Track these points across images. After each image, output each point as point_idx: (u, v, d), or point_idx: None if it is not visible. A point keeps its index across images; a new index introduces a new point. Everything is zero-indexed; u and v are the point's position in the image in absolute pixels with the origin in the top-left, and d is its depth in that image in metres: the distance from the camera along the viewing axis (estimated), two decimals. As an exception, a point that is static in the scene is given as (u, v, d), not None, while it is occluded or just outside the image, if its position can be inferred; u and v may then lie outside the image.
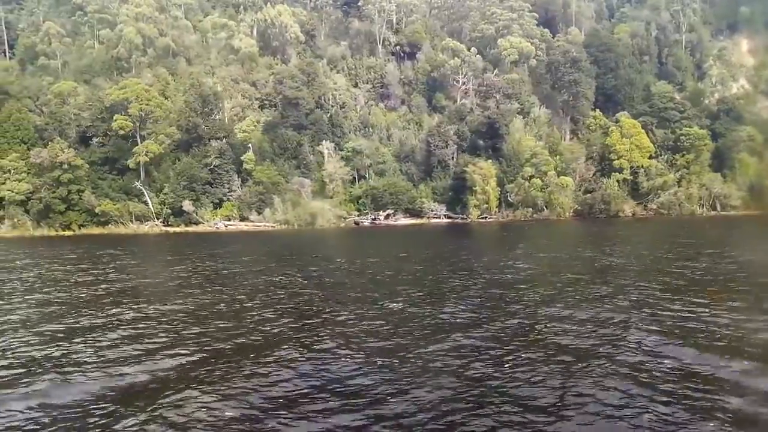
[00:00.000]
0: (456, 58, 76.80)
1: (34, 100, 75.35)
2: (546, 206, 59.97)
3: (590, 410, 7.34)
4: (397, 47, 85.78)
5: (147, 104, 66.23)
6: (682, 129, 63.20)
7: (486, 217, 60.38)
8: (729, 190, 58.88)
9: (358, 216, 63.13)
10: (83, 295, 17.80)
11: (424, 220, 61.79)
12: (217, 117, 70.58)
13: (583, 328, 11.41)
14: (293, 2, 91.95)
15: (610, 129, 64.07)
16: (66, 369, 9.65)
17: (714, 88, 76.03)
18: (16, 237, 60.07)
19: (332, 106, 73.82)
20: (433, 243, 38.79)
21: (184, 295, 17.22)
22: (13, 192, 63.91)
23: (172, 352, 10.65)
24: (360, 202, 64.00)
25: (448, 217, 62.06)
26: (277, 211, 62.32)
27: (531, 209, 59.96)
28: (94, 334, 12.13)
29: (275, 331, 12.35)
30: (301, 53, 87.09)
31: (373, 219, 61.88)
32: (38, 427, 7.42)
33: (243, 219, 64.67)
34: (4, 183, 64.25)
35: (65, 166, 62.29)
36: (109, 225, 63.28)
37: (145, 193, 64.74)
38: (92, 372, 9.49)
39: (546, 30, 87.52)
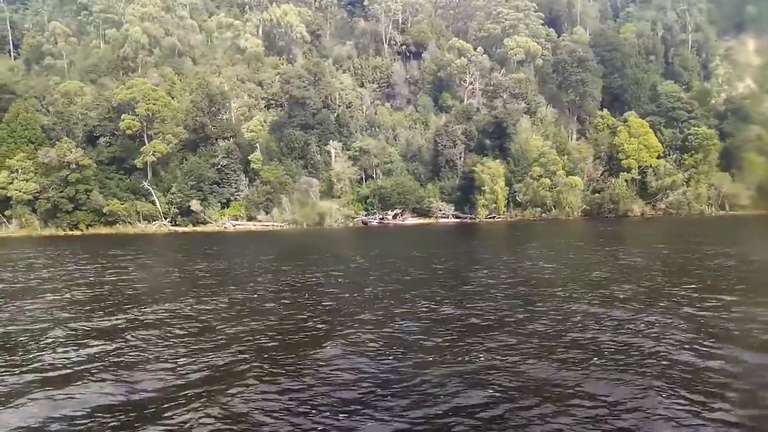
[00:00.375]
0: (462, 58, 76.77)
1: (40, 99, 75.40)
2: (554, 206, 59.87)
3: (648, 411, 7.27)
4: (403, 47, 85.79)
5: (154, 104, 66.23)
6: (690, 129, 63.07)
7: (494, 217, 60.31)
8: (737, 189, 58.78)
9: (366, 216, 63.08)
10: (112, 293, 17.79)
11: (432, 220, 61.73)
12: (224, 117, 70.56)
13: (622, 327, 11.36)
14: (298, 2, 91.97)
15: (618, 128, 63.94)
16: (114, 368, 9.65)
17: (720, 88, 75.91)
18: (24, 236, 60.13)
19: (339, 106, 73.81)
20: (447, 242, 38.79)
21: (211, 293, 17.21)
22: (20, 192, 63.97)
23: (215, 348, 10.67)
24: (368, 201, 63.95)
25: (456, 217, 61.98)
26: (285, 210, 62.33)
27: (540, 209, 59.87)
28: (134, 333, 12.13)
29: (311, 328, 12.35)
30: (307, 53, 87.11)
31: (381, 219, 61.84)
32: (95, 423, 7.42)
33: (250, 219, 64.67)
34: (11, 183, 64.29)
35: (73, 166, 62.34)
36: (117, 225, 63.31)
37: (153, 193, 64.76)
38: (140, 370, 9.50)
39: (551, 30, 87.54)
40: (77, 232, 61.98)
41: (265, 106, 77.23)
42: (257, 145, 67.17)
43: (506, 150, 66.02)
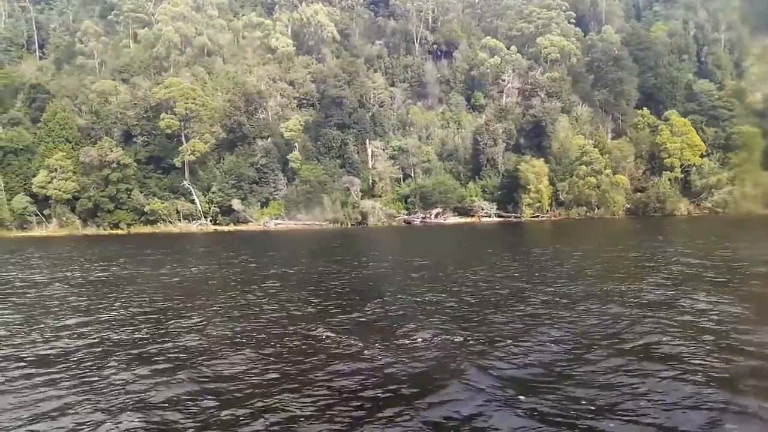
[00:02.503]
0: (496, 57, 76.59)
1: (72, 99, 75.36)
2: (598, 205, 59.65)
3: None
4: (434, 46, 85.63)
5: (193, 103, 66.15)
6: (733, 127, 62.83)
7: (537, 216, 60.09)
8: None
9: (407, 215, 62.89)
10: (185, 289, 17.79)
11: (474, 219, 61.49)
12: (261, 116, 70.43)
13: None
14: (323, 2, 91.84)
15: (659, 127, 63.68)
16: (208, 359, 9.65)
17: (754, 87, 75.63)
18: (66, 235, 60.01)
19: (373, 105, 73.71)
20: (503, 241, 38.27)
21: (283, 288, 17.16)
22: (59, 191, 63.93)
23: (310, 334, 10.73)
24: (408, 201, 63.75)
25: (499, 216, 61.76)
26: (326, 209, 62.13)
27: (585, 208, 59.64)
28: (226, 323, 12.14)
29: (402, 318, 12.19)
30: (334, 52, 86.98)
31: (423, 218, 61.64)
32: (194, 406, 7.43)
33: (290, 218, 64.51)
34: (50, 182, 64.26)
35: (114, 165, 62.29)
36: (158, 224, 63.17)
37: (193, 192, 64.63)
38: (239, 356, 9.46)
39: (577, 29, 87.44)
40: (119, 232, 61.82)
41: (297, 106, 77.15)
42: (296, 144, 66.97)
43: (543, 149, 65.87)
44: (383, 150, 66.29)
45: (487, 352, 9.53)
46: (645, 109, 67.69)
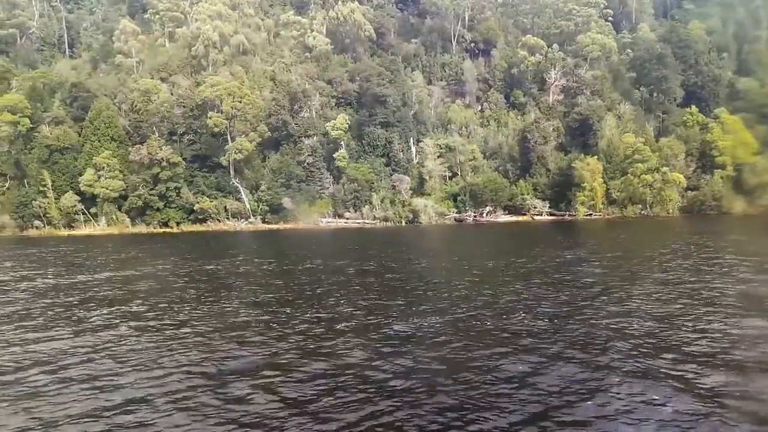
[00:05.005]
0: (537, 55, 76.28)
1: (111, 98, 75.16)
2: (652, 203, 59.29)
3: None
4: (472, 44, 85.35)
5: (240, 101, 65.96)
6: (784, 125, 62.35)
7: (591, 215, 59.78)
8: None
9: (456, 213, 62.62)
10: (279, 288, 17.86)
11: (526, 218, 61.19)
12: (305, 114, 70.26)
13: None
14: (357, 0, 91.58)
15: (708, 125, 63.32)
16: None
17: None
18: (117, 234, 59.90)
19: (415, 104, 73.52)
20: (572, 239, 37.66)
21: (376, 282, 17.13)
22: (107, 189, 63.78)
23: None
24: (458, 199, 63.46)
25: (551, 214, 61.45)
26: (375, 208, 61.91)
27: (639, 206, 59.28)
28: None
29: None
30: (367, 51, 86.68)
31: (474, 216, 61.38)
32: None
33: (338, 216, 64.32)
34: (97, 180, 64.11)
35: (164, 164, 62.16)
36: (207, 222, 63.01)
37: (241, 190, 64.47)
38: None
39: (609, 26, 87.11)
40: (170, 230, 61.69)
41: (335, 104, 76.93)
42: (342, 142, 66.76)
43: (589, 147, 65.49)
44: (431, 148, 65.89)
45: None
46: (693, 107, 67.20)
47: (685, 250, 26.26)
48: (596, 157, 61.71)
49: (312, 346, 10.82)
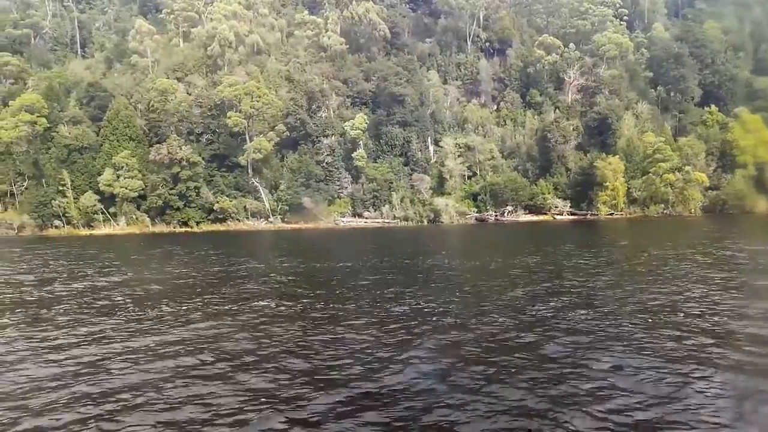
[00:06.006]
0: (554, 54, 76.15)
1: (127, 97, 75.09)
2: (674, 203, 59.17)
3: None
4: (487, 43, 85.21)
5: (258, 101, 65.88)
6: (805, 124, 62.26)
7: (612, 214, 59.65)
8: None
9: (477, 212, 62.52)
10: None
11: (547, 217, 61.06)
12: (323, 114, 70.19)
13: None
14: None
15: (728, 124, 63.19)
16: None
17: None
18: (138, 234, 59.84)
19: (432, 103, 73.43)
20: (601, 240, 37.39)
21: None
22: (126, 189, 63.71)
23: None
24: (479, 198, 63.35)
25: (572, 214, 61.32)
26: (395, 207, 61.82)
27: (662, 205, 59.17)
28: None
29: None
30: (381, 50, 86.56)
31: (496, 215, 61.27)
32: None
33: (357, 215, 64.25)
34: (117, 180, 64.05)
35: (183, 163, 62.11)
36: (227, 222, 62.95)
37: (260, 190, 64.40)
38: None
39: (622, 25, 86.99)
40: (191, 230, 61.63)
41: (351, 104, 76.84)
42: (360, 142, 66.68)
43: (608, 146, 65.38)
44: (451, 147, 65.80)
45: None
46: (713, 106, 67.08)
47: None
48: (617, 156, 61.57)
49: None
